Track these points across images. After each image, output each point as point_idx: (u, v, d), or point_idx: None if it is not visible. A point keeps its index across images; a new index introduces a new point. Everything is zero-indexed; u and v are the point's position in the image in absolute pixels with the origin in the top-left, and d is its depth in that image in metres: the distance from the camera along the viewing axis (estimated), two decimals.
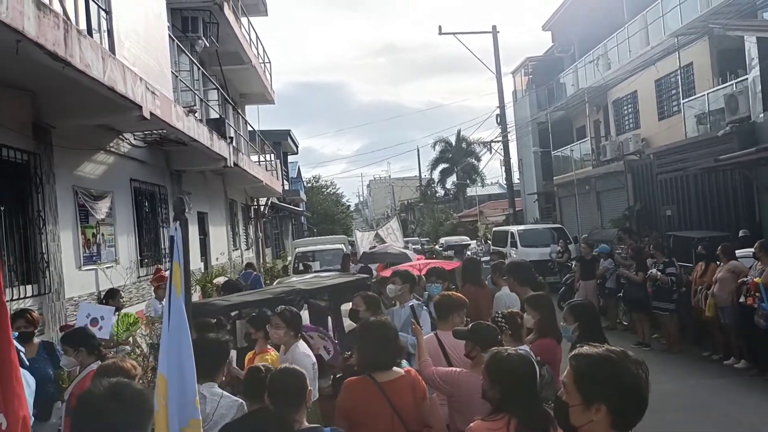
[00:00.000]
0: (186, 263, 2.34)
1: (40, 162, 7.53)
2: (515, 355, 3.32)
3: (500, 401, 3.17)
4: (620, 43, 21.50)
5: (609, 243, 14.97)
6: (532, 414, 3.13)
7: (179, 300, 2.27)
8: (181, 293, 2.28)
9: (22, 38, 5.08)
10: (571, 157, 25.75)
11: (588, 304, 5.27)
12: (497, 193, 51.95)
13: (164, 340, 2.31)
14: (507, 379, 3.19)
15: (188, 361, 2.29)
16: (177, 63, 11.06)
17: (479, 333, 4.39)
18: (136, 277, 10.27)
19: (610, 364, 2.08)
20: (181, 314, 2.27)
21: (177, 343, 2.28)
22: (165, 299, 2.41)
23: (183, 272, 2.31)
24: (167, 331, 2.29)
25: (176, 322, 2.27)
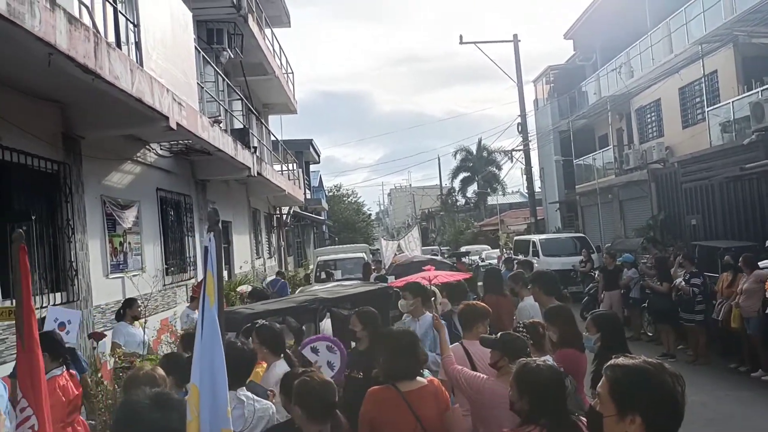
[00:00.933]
0: (219, 273, 2.38)
1: (69, 172, 7.68)
2: (544, 366, 3.30)
3: (529, 413, 3.16)
4: (643, 51, 21.37)
5: (633, 253, 14.84)
6: (562, 425, 3.11)
7: (212, 310, 2.31)
8: (215, 303, 2.32)
9: (54, 51, 5.21)
10: (593, 165, 25.58)
11: (611, 314, 5.25)
12: (518, 202, 51.69)
13: (197, 350, 2.35)
14: (536, 391, 3.17)
15: (220, 371, 2.32)
16: (202, 74, 11.22)
17: (508, 343, 4.39)
18: (162, 285, 10.39)
19: (646, 375, 2.07)
20: (213, 324, 2.31)
21: (209, 353, 2.31)
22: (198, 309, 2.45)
23: (216, 282, 2.35)
24: (200, 341, 2.33)
25: (209, 331, 2.30)
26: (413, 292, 6.51)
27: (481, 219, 51.08)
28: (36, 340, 2.80)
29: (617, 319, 4.86)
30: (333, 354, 5.68)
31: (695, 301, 10.55)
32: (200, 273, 12.69)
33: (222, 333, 2.35)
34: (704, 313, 10.53)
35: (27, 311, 2.84)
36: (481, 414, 4.06)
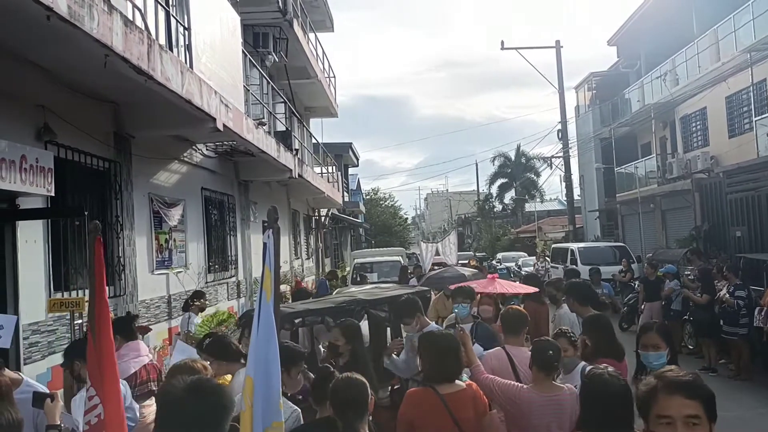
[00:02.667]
0: (277, 269, 2.47)
1: (120, 170, 7.92)
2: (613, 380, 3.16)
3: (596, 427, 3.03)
4: (689, 59, 20.98)
5: (675, 264, 14.59)
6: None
7: (269, 304, 2.40)
8: (271, 298, 2.41)
9: (110, 53, 5.40)
10: (635, 174, 25.19)
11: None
12: (556, 210, 51.11)
13: (253, 342, 2.43)
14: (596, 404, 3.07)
15: (274, 364, 2.40)
16: (248, 77, 11.43)
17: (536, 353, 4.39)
18: (204, 283, 10.61)
19: None
20: (269, 318, 2.39)
21: (264, 346, 2.39)
22: (256, 304, 2.54)
23: (273, 278, 2.44)
24: (256, 334, 2.41)
25: (265, 325, 2.39)
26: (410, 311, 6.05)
27: (518, 226, 50.67)
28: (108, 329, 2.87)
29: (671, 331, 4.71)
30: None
31: (739, 314, 10.34)
32: (241, 272, 12.92)
33: (277, 327, 2.43)
34: (748, 326, 10.31)
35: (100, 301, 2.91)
36: (520, 423, 4.03)
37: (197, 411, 2.23)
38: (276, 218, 2.55)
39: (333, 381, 3.58)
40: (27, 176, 5.38)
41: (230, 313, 7.87)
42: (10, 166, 5.16)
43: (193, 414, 2.23)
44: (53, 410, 3.45)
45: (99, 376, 2.79)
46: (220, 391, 2.34)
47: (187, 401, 2.26)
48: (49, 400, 3.48)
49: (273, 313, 2.42)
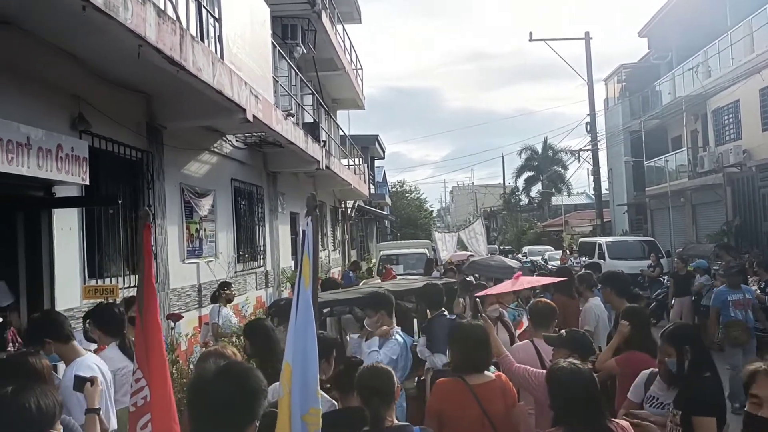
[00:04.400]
0: (315, 257, 2.49)
1: (152, 160, 8.02)
2: (573, 368, 3.28)
3: (556, 415, 3.18)
4: (722, 51, 20.58)
5: (705, 259, 14.37)
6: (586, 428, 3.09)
7: (307, 291, 2.42)
8: (310, 285, 2.43)
9: (144, 43, 5.45)
10: (665, 167, 24.83)
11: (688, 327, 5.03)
12: (584, 203, 50.67)
13: (291, 329, 2.45)
14: (563, 393, 3.18)
15: (312, 351, 2.42)
16: (277, 68, 11.48)
17: (577, 340, 4.36)
18: (233, 272, 10.73)
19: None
20: (308, 305, 2.41)
21: (303, 333, 2.41)
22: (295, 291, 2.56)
23: (312, 265, 2.46)
24: (294, 321, 2.43)
25: (303, 312, 2.41)
26: (374, 306, 5.63)
27: (544, 219, 50.32)
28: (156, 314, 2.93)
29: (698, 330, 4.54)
30: None
31: None
32: (269, 262, 13.02)
33: (315, 314, 2.45)
34: None
35: (148, 288, 2.97)
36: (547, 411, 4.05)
37: (228, 394, 2.26)
38: (315, 205, 2.57)
39: (359, 370, 3.62)
40: (63, 165, 5.47)
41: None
42: (47, 155, 5.25)
43: (223, 397, 2.26)
44: (93, 394, 3.52)
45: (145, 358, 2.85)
46: (252, 375, 2.37)
47: (217, 385, 2.29)
48: (89, 384, 3.55)
49: (311, 301, 2.44)
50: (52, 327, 4.06)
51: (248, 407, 2.31)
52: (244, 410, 2.29)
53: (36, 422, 2.41)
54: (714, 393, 3.68)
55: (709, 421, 3.61)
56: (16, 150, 4.87)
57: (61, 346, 3.95)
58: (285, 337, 6.59)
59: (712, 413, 3.61)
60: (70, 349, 3.95)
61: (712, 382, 3.77)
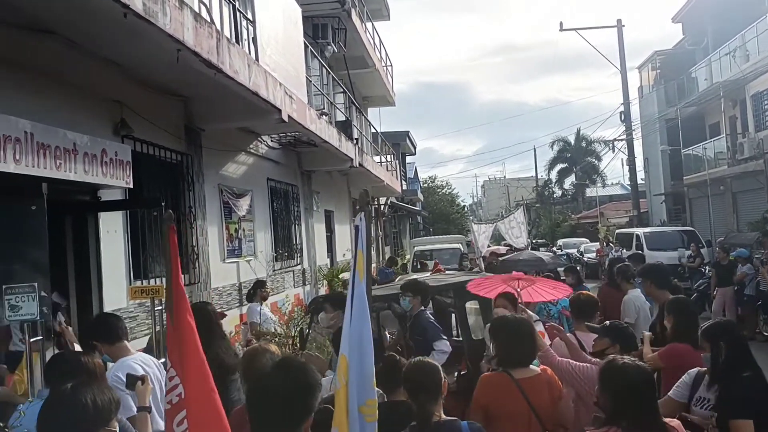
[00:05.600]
0: (368, 251, 2.53)
1: (191, 162, 8.16)
2: (631, 365, 3.18)
3: (611, 412, 3.09)
4: (760, 34, 20.09)
5: (747, 248, 14.07)
6: (645, 428, 3.02)
7: (362, 285, 2.46)
8: (363, 278, 2.47)
9: (182, 47, 5.54)
10: (703, 155, 24.35)
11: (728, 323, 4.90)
12: (619, 194, 49.94)
13: (346, 322, 2.50)
14: (618, 390, 3.09)
15: (368, 343, 2.46)
16: (309, 68, 11.58)
17: (620, 331, 4.32)
18: (272, 270, 10.86)
19: None
20: (362, 298, 2.46)
21: (358, 325, 2.46)
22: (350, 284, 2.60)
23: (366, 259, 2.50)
24: (350, 315, 2.48)
25: (358, 305, 2.45)
26: (334, 304, 5.55)
27: (578, 211, 49.72)
28: (187, 313, 3.00)
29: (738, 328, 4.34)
30: None
31: None
32: (306, 260, 13.14)
33: (369, 307, 2.49)
34: None
35: (176, 287, 3.04)
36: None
37: (285, 389, 2.32)
38: (368, 201, 2.64)
39: (405, 365, 3.63)
40: (107, 169, 5.60)
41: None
42: (93, 160, 5.38)
43: (281, 392, 2.32)
44: (144, 392, 3.60)
45: (178, 357, 2.91)
46: (307, 369, 2.43)
47: (275, 379, 2.36)
48: (140, 383, 3.63)
49: (366, 294, 2.48)
50: (99, 329, 4.21)
51: (306, 402, 2.36)
52: (302, 405, 2.34)
53: (93, 419, 2.49)
54: (751, 393, 3.53)
55: (745, 424, 3.49)
56: (64, 156, 5.00)
57: (109, 347, 4.08)
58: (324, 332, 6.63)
59: (748, 415, 3.48)
60: (116, 349, 4.06)
61: (752, 381, 3.62)
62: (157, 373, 4.12)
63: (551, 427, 3.92)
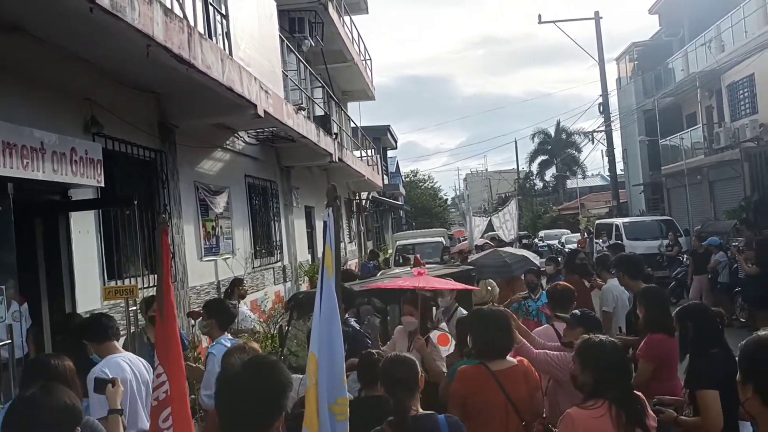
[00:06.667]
0: (337, 247, 2.49)
1: (165, 159, 8.05)
2: (607, 341, 3.39)
3: (593, 387, 3.22)
4: (735, 24, 20.30)
5: (724, 236, 14.24)
6: (627, 399, 3.17)
7: (331, 282, 2.43)
8: (333, 275, 2.44)
9: (152, 42, 5.44)
10: (680, 145, 24.58)
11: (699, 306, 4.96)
12: (599, 185, 50.40)
13: (316, 320, 2.47)
14: (600, 365, 3.24)
15: (338, 341, 2.43)
16: (286, 62, 11.48)
17: (590, 319, 4.38)
18: (251, 268, 10.77)
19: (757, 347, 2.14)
20: (332, 296, 2.42)
21: (328, 323, 2.42)
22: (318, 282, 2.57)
23: (335, 256, 2.46)
24: (319, 312, 2.44)
25: (327, 303, 2.42)
26: (210, 311, 5.26)
27: (559, 203, 50.10)
28: (173, 312, 3.04)
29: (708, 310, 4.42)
30: None
31: None
32: (286, 257, 13.07)
33: (339, 304, 2.46)
34: None
35: (166, 286, 3.08)
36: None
37: (255, 388, 2.29)
38: (335, 196, 2.58)
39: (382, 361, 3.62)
40: (77, 168, 5.51)
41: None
42: (62, 159, 5.29)
43: (250, 391, 2.28)
44: (115, 395, 3.56)
45: (166, 355, 2.91)
46: (277, 368, 2.39)
47: (244, 379, 2.32)
48: (110, 385, 3.59)
49: (335, 291, 2.44)
50: (89, 328, 4.26)
51: (276, 401, 2.32)
52: (273, 404, 2.31)
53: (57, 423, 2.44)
54: (717, 366, 3.65)
55: (710, 393, 3.63)
56: (31, 155, 4.91)
57: (97, 346, 4.13)
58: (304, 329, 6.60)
59: (713, 386, 3.61)
60: (104, 348, 4.09)
61: (718, 356, 3.76)
62: (144, 372, 4.12)
63: (529, 418, 3.95)
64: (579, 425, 3.11)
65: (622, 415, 3.08)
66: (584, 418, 3.12)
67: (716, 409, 3.60)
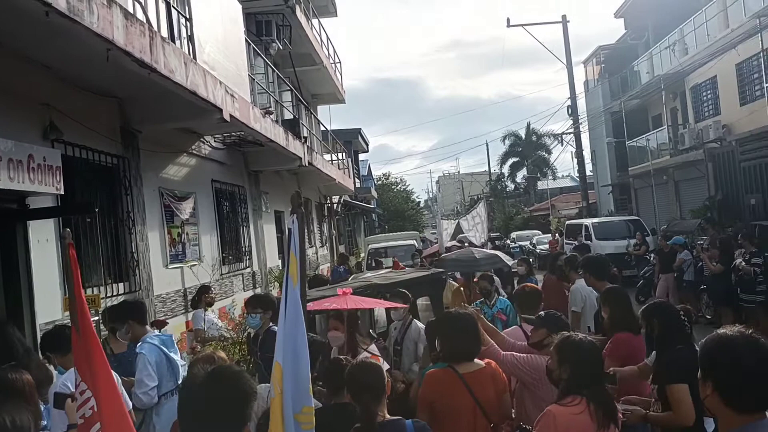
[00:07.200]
0: (302, 255, 2.45)
1: (128, 165, 7.90)
2: (585, 339, 3.47)
3: (568, 382, 3.28)
4: (698, 27, 20.70)
5: (690, 234, 14.48)
6: (600, 395, 3.24)
7: (295, 290, 2.38)
8: (297, 283, 2.39)
9: (112, 47, 5.35)
10: (647, 146, 24.99)
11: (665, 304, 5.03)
12: (569, 186, 50.95)
13: (281, 328, 2.42)
14: (577, 361, 3.30)
15: (303, 350, 2.39)
16: (253, 66, 11.37)
17: (554, 321, 4.40)
18: (219, 275, 10.63)
19: (716, 345, 2.17)
20: (296, 304, 2.38)
21: (293, 332, 2.38)
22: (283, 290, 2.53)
23: (299, 263, 2.42)
24: (284, 320, 2.40)
25: (292, 311, 2.37)
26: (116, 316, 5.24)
27: (531, 204, 50.54)
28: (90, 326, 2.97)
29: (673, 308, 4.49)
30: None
31: (756, 282, 10.29)
32: (255, 262, 12.94)
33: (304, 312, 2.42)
34: (765, 293, 10.26)
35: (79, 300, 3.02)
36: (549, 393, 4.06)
37: (217, 398, 2.25)
38: (300, 203, 2.54)
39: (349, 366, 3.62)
40: (35, 175, 5.37)
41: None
42: (18, 166, 5.15)
43: (213, 401, 2.25)
44: (74, 410, 3.47)
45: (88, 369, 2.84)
46: (241, 378, 2.36)
47: (207, 389, 2.28)
48: (69, 400, 3.50)
49: (300, 299, 2.40)
50: (52, 340, 4.21)
51: (240, 410, 2.29)
52: (237, 414, 2.28)
53: None
54: (685, 361, 3.70)
55: (681, 387, 3.70)
56: None
57: (61, 358, 4.08)
58: None
59: (683, 380, 3.68)
60: (68, 360, 3.99)
61: (685, 353, 3.82)
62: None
63: (497, 420, 3.97)
64: (560, 422, 3.15)
65: (599, 412, 3.15)
66: (564, 414, 3.16)
67: (687, 402, 3.67)
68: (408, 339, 5.97)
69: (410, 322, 6.16)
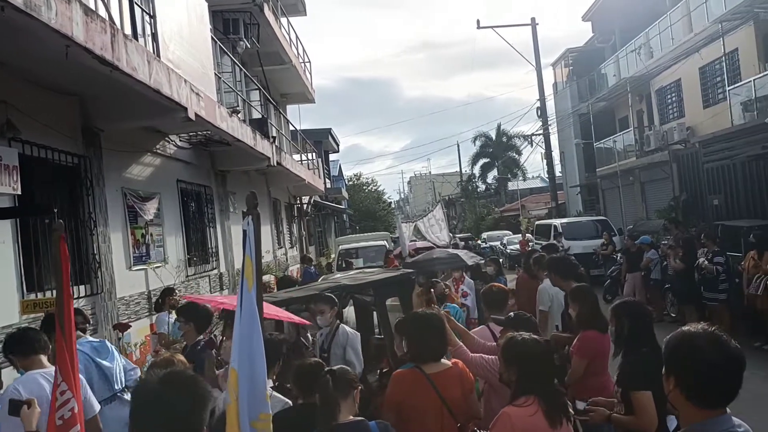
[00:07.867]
0: (258, 257, 2.40)
1: (90, 165, 7.74)
2: (530, 339, 3.48)
3: (518, 384, 3.31)
4: (662, 31, 21.07)
5: (655, 234, 14.70)
6: (552, 395, 3.27)
7: (251, 293, 2.32)
8: (253, 287, 2.34)
9: (71, 43, 5.21)
10: (614, 148, 25.35)
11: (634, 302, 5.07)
12: (539, 187, 51.44)
13: (236, 334, 2.37)
14: (524, 362, 3.33)
15: (259, 355, 2.34)
16: (220, 64, 11.22)
17: (521, 321, 4.41)
18: (184, 276, 10.47)
19: (680, 341, 2.19)
20: (252, 308, 2.32)
21: (248, 337, 2.32)
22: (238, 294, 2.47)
23: (255, 266, 2.36)
24: (239, 325, 2.34)
25: (248, 315, 2.32)
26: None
27: (501, 205, 50.90)
28: (74, 326, 2.89)
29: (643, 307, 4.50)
30: None
31: (719, 280, 10.49)
32: (222, 264, 12.79)
33: (260, 317, 2.36)
34: (727, 292, 10.46)
35: (66, 298, 2.92)
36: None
37: (171, 403, 2.19)
38: (255, 204, 2.48)
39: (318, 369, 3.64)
40: None
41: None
42: None
43: (167, 406, 2.19)
44: (30, 417, 3.36)
45: (69, 371, 2.75)
46: (196, 382, 2.30)
47: (160, 394, 2.22)
48: (25, 407, 3.39)
49: (256, 303, 2.34)
50: (13, 342, 4.13)
51: (194, 415, 2.24)
52: (194, 418, 2.23)
53: None
54: (648, 366, 3.70)
55: (644, 395, 3.70)
56: None
57: (23, 360, 4.01)
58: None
59: (647, 386, 3.68)
60: (29, 363, 3.97)
61: (648, 355, 3.81)
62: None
63: (464, 420, 3.97)
64: (516, 424, 3.16)
65: (551, 409, 3.18)
66: (520, 416, 3.17)
67: (651, 410, 3.68)
68: (336, 345, 5.86)
69: (337, 327, 6.05)
